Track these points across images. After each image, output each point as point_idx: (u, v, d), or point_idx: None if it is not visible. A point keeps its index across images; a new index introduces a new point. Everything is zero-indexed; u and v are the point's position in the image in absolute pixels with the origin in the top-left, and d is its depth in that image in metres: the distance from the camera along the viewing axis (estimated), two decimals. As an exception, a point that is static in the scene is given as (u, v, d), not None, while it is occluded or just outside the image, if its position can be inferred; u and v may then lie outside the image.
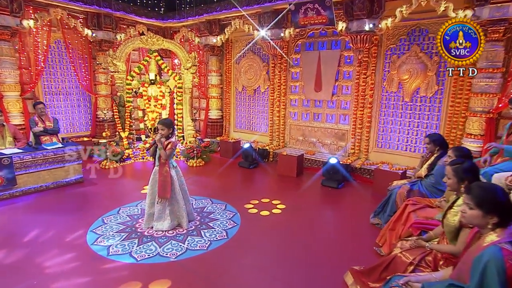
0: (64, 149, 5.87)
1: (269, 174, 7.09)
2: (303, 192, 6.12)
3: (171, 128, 4.09)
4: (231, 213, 4.86)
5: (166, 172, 4.04)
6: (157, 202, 4.13)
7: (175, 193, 4.19)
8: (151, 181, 4.20)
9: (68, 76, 8.70)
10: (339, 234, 4.44)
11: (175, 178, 4.15)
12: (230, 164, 7.93)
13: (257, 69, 8.74)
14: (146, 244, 3.92)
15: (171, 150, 4.02)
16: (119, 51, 8.00)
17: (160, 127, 4.00)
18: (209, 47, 9.20)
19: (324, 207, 5.51)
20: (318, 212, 5.16)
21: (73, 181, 6.00)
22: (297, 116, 8.20)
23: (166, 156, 3.97)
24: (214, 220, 4.62)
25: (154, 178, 4.18)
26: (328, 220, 5.00)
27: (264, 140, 8.95)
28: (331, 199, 5.73)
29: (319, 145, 7.85)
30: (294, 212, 5.00)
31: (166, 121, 4.07)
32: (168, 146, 3.99)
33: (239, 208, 5.03)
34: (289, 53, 8.04)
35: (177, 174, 4.23)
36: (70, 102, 8.84)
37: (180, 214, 4.33)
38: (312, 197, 5.78)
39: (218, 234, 4.22)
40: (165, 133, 4.02)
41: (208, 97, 9.73)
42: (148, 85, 8.44)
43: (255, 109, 9.09)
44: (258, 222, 4.61)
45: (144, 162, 7.86)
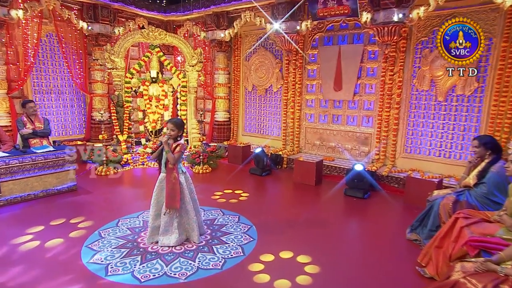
0: (56, 153, 5.70)
1: (284, 182, 6.92)
2: (324, 202, 5.90)
3: (182, 130, 3.93)
4: (246, 226, 4.65)
5: (174, 179, 3.82)
6: (164, 214, 3.91)
7: (185, 203, 3.98)
8: (157, 190, 3.97)
9: (60, 73, 8.60)
10: (372, 253, 4.13)
11: (184, 185, 3.94)
12: (240, 171, 7.77)
13: (269, 66, 8.61)
14: (150, 262, 3.68)
15: (180, 153, 3.83)
16: (117, 46, 7.91)
17: (171, 127, 3.82)
18: (216, 43, 9.04)
19: (350, 220, 5.25)
20: (344, 226, 4.95)
21: (65, 189, 5.82)
22: (313, 118, 8.04)
23: (174, 160, 3.78)
24: (227, 234, 4.40)
25: (161, 186, 3.96)
26: (357, 236, 4.73)
27: (276, 145, 8.76)
28: (357, 211, 5.52)
29: (340, 150, 7.67)
30: (318, 224, 4.82)
31: (177, 121, 3.90)
32: (177, 148, 3.81)
33: (255, 220, 4.82)
34: (306, 49, 7.91)
35: (187, 180, 4.03)
36: (63, 102, 8.72)
37: (189, 227, 4.11)
38: (335, 208, 5.60)
39: (233, 251, 3.98)
40: (174, 134, 3.86)
41: (214, 98, 9.58)
42: (149, 84, 8.39)
43: (267, 110, 8.96)
44: (276, 235, 4.39)
45: (144, 168, 7.70)
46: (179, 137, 3.94)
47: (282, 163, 8.00)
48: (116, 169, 7.21)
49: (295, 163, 6.98)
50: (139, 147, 8.49)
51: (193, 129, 8.82)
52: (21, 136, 6.18)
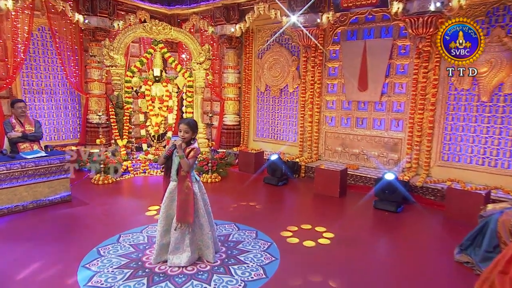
0: (49, 159, 5.56)
1: (304, 193, 6.78)
2: (352, 216, 5.68)
3: (196, 132, 3.78)
4: (265, 243, 4.48)
5: (187, 188, 3.63)
6: (175, 229, 3.72)
7: (199, 216, 3.80)
8: (166, 201, 3.78)
9: (53, 71, 8.51)
10: (416, 278, 3.85)
11: (198, 196, 3.77)
12: (253, 180, 7.63)
13: (285, 64, 8.48)
14: (158, 286, 3.48)
15: (194, 159, 3.68)
16: (117, 41, 7.78)
17: (184, 129, 3.65)
18: (226, 38, 8.91)
19: (384, 238, 5.00)
20: (378, 243, 4.78)
21: (58, 200, 5.69)
22: (334, 122, 7.89)
23: (189, 167, 3.62)
24: (245, 253, 4.21)
25: (171, 197, 3.77)
26: (395, 255, 4.44)
27: (292, 151, 8.58)
28: (391, 227, 5.29)
29: (365, 157, 7.50)
30: (348, 243, 4.61)
31: (191, 122, 3.74)
32: (191, 153, 3.64)
33: (275, 236, 4.65)
34: (326, 44, 7.75)
35: (200, 190, 3.85)
36: (55, 103, 8.62)
37: (203, 244, 3.91)
38: (365, 223, 5.44)
39: (254, 272, 3.77)
40: (188, 137, 3.69)
41: (223, 99, 9.45)
42: (151, 83, 8.23)
43: (281, 113, 8.82)
44: (302, 256, 4.22)
45: (145, 177, 7.57)
46: (193, 140, 3.77)
47: (300, 172, 7.82)
48: (115, 177, 7.07)
49: (315, 172, 6.80)
50: (139, 153, 8.32)
51: (200, 134, 8.52)
52: (9, 140, 5.98)
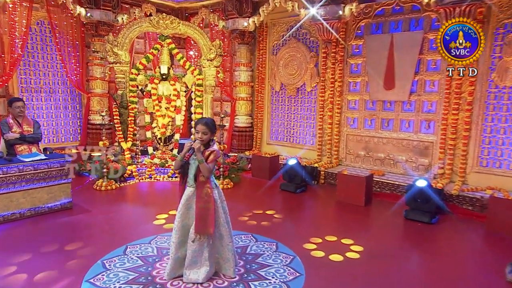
0: (49, 162, 5.52)
1: (325, 201, 6.71)
2: (381, 227, 5.53)
3: (214, 132, 3.68)
4: (288, 256, 4.35)
5: (207, 196, 3.53)
6: (192, 240, 3.61)
7: (219, 226, 3.71)
8: (182, 209, 3.68)
9: (52, 68, 8.52)
10: None
11: (218, 203, 3.69)
12: (268, 186, 7.53)
13: (302, 61, 8.39)
14: None
15: (214, 163, 3.60)
16: (121, 36, 7.76)
17: (202, 130, 3.52)
18: (238, 33, 8.81)
19: (419, 251, 4.82)
20: (412, 258, 4.65)
21: (58, 207, 5.64)
22: (357, 124, 7.78)
23: (209, 172, 3.53)
24: (266, 267, 4.08)
25: (187, 204, 3.67)
26: (432, 272, 4.20)
27: (309, 155, 8.44)
28: (425, 240, 5.10)
29: (391, 162, 7.36)
30: (379, 258, 4.46)
31: (209, 122, 3.63)
32: (211, 156, 3.55)
33: (297, 249, 4.54)
34: (348, 39, 7.65)
35: (220, 197, 3.77)
36: (54, 103, 8.62)
37: (222, 257, 3.80)
38: (397, 235, 5.33)
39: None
40: (206, 138, 3.57)
41: (234, 99, 9.40)
42: (158, 82, 8.17)
43: (298, 114, 8.74)
44: (330, 271, 4.10)
45: (151, 183, 7.52)
46: (211, 142, 3.66)
47: (319, 178, 7.68)
48: (118, 183, 7.03)
49: (338, 178, 6.67)
50: (145, 157, 8.26)
51: None
52: (6, 141, 5.88)
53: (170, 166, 7.71)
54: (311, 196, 6.97)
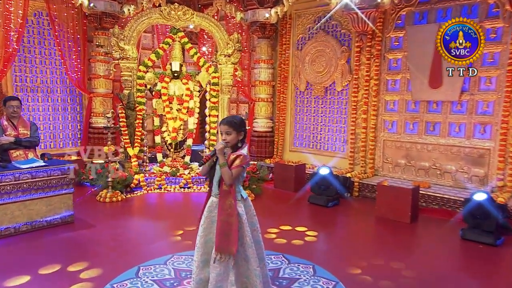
0: (48, 169, 5.48)
1: (363, 217, 6.60)
2: (434, 249, 5.30)
3: (242, 132, 3.47)
4: (329, 282, 4.19)
5: (230, 208, 3.38)
6: (214, 261, 3.42)
7: (244, 245, 3.50)
8: (205, 223, 3.52)
9: (51, 64, 8.53)
10: None
11: (244, 218, 3.50)
12: (294, 199, 7.41)
13: (332, 56, 8.37)
14: None
15: (239, 169, 3.38)
16: (128, 29, 7.73)
17: (225, 130, 3.37)
18: (258, 26, 8.82)
19: (484, 278, 4.56)
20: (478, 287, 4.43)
21: (58, 221, 5.60)
22: (396, 128, 7.70)
23: (231, 179, 3.35)
24: None
25: (211, 217, 3.51)
26: None
27: (340, 164, 8.40)
28: (491, 264, 4.88)
29: (438, 173, 7.20)
30: (436, 285, 4.28)
31: (234, 120, 3.47)
32: (236, 161, 3.36)
33: (340, 273, 4.37)
34: (386, 30, 7.58)
35: (248, 211, 3.59)
36: (52, 104, 8.61)
37: (250, 282, 3.59)
38: (454, 259, 5.15)
39: None
40: (231, 140, 3.39)
41: (253, 100, 9.46)
42: (169, 80, 8.13)
43: (326, 117, 8.71)
44: None
45: (161, 194, 7.49)
46: (240, 144, 3.47)
47: (352, 190, 7.57)
48: (124, 194, 7.02)
49: (378, 190, 6.50)
50: (153, 165, 8.19)
51: None
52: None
53: (182, 175, 7.63)
54: (345, 210, 6.88)
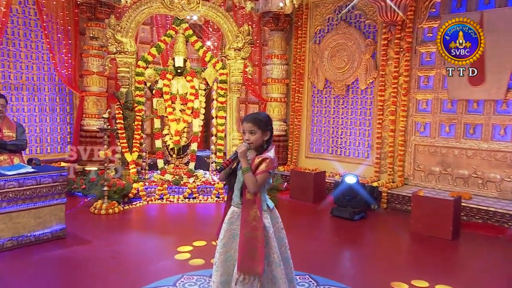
0: (38, 176, 5.38)
1: (396, 233, 6.51)
2: (485, 271, 5.09)
3: (268, 131, 3.36)
4: None
5: (255, 219, 3.24)
6: (236, 283, 3.31)
7: (271, 264, 3.36)
8: (225, 237, 3.40)
9: (37, 59, 8.38)
10: None
11: (271, 232, 3.34)
12: (314, 211, 7.40)
13: (355, 50, 8.38)
14: None
15: (265, 175, 3.25)
16: (125, 19, 7.71)
17: (248, 128, 3.29)
18: (271, 17, 8.78)
19: None
20: None
21: (48, 236, 5.48)
22: (429, 131, 7.62)
23: (255, 187, 3.23)
24: None
25: (231, 230, 3.39)
26: None
27: (364, 172, 8.33)
28: None
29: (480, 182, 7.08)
30: None
31: (259, 117, 3.36)
32: (261, 166, 3.24)
33: None
34: (418, 20, 7.51)
35: (274, 224, 3.44)
36: (39, 103, 8.46)
37: None
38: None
39: None
40: (255, 140, 3.29)
41: (264, 100, 9.47)
42: (171, 77, 8.13)
43: (348, 119, 8.71)
44: None
45: (163, 205, 7.38)
46: (266, 146, 3.36)
47: (380, 201, 7.44)
48: (121, 205, 6.94)
49: (413, 201, 6.35)
50: (153, 172, 8.18)
51: (234, 146, 8.19)
52: (-20, 149, 6.05)
53: (187, 184, 7.54)
54: (374, 224, 6.81)
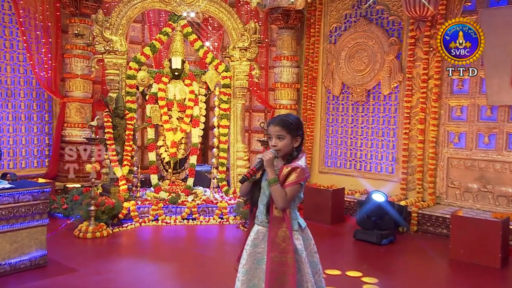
0: (16, 193, 5.24)
1: (433, 260, 6.34)
2: None
3: (299, 136, 3.28)
4: None
5: (284, 241, 3.18)
6: None
7: None
8: (248, 261, 3.31)
9: (12, 60, 8.42)
10: None
11: (304, 257, 3.23)
12: (334, 233, 7.41)
13: (376, 50, 8.38)
14: None
15: (296, 187, 3.18)
16: (115, 15, 7.73)
17: (276, 132, 3.22)
18: (280, 14, 8.80)
19: None
20: None
21: (26, 265, 5.32)
22: (465, 142, 7.56)
23: (285, 201, 3.16)
24: None
25: (256, 253, 3.31)
26: None
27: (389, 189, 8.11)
28: None
29: None
30: None
31: (289, 119, 3.28)
32: (291, 176, 3.17)
33: None
34: (451, 15, 7.47)
35: (307, 247, 3.32)
36: (13, 111, 8.48)
37: None
38: None
39: None
40: (284, 146, 3.21)
41: (271, 107, 9.54)
42: (168, 80, 8.12)
43: (369, 128, 8.71)
44: None
45: (158, 227, 7.31)
46: (295, 153, 3.27)
47: (410, 223, 7.31)
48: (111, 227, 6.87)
49: (452, 223, 6.23)
50: (146, 189, 8.16)
51: (239, 160, 8.42)
52: None
53: (185, 203, 7.39)
54: (406, 250, 6.71)
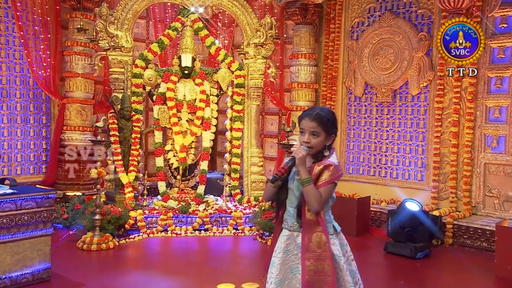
0: (19, 199, 5.19)
1: (476, 275, 6.30)
2: None
3: (333, 135, 3.30)
4: None
5: (320, 247, 3.16)
6: None
7: None
8: (281, 270, 3.28)
9: (8, 58, 8.51)
10: None
11: (342, 263, 3.22)
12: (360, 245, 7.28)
13: (404, 46, 8.39)
14: None
15: (330, 187, 3.19)
16: (121, 8, 7.83)
17: (310, 128, 3.23)
18: (297, 8, 8.94)
19: None
20: None
21: (28, 279, 5.23)
22: (504, 146, 7.47)
23: (320, 203, 3.14)
24: None
25: (289, 260, 3.30)
26: None
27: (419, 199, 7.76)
28: None
29: None
30: None
31: (321, 114, 3.26)
32: (324, 175, 3.18)
33: None
34: (488, 7, 7.42)
35: (344, 253, 3.33)
36: (8, 113, 8.54)
37: None
38: None
39: None
40: (317, 143, 3.21)
41: (288, 109, 9.60)
42: (177, 79, 8.20)
43: (395, 131, 8.72)
44: None
45: (167, 238, 7.31)
46: (328, 151, 3.27)
47: (445, 235, 7.26)
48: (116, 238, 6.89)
49: (498, 235, 6.16)
50: (153, 198, 8.22)
51: (254, 166, 8.48)
52: None
53: (196, 213, 7.38)
54: (443, 265, 6.61)
